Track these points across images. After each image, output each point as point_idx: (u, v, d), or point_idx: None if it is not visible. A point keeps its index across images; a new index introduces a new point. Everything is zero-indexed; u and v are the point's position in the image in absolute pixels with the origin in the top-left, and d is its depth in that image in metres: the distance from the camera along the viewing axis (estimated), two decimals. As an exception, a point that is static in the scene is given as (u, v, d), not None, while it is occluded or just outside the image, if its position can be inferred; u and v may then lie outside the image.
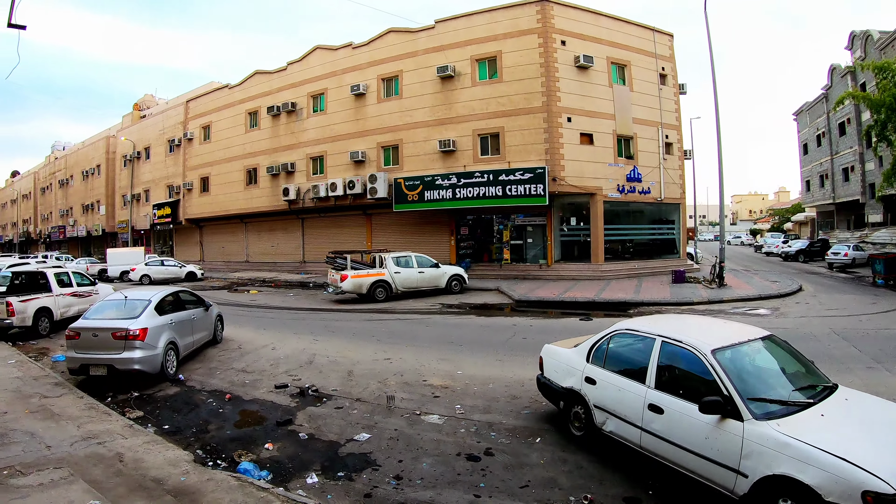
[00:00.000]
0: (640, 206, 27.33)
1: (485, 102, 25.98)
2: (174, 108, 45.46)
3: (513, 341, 13.17)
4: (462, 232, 28.27)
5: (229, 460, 7.10)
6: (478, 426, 7.81)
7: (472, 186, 25.10)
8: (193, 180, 41.80)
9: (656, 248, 28.18)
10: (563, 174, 23.97)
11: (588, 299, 19.03)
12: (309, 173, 33.19)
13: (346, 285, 20.79)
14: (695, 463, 5.25)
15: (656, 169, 27.08)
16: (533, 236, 26.45)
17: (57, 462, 6.71)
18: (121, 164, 52.58)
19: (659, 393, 5.72)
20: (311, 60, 33.28)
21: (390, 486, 6.21)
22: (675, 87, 28.75)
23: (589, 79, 25.31)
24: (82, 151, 61.40)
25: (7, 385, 10.38)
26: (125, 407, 9.43)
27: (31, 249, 74.00)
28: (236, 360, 12.49)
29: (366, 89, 29.92)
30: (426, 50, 27.76)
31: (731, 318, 14.64)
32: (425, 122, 27.76)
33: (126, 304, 11.21)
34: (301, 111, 33.67)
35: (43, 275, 17.22)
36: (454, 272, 22.68)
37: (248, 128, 37.29)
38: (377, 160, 29.58)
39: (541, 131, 24.42)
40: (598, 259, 25.14)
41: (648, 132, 27.03)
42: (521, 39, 25.15)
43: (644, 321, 7.13)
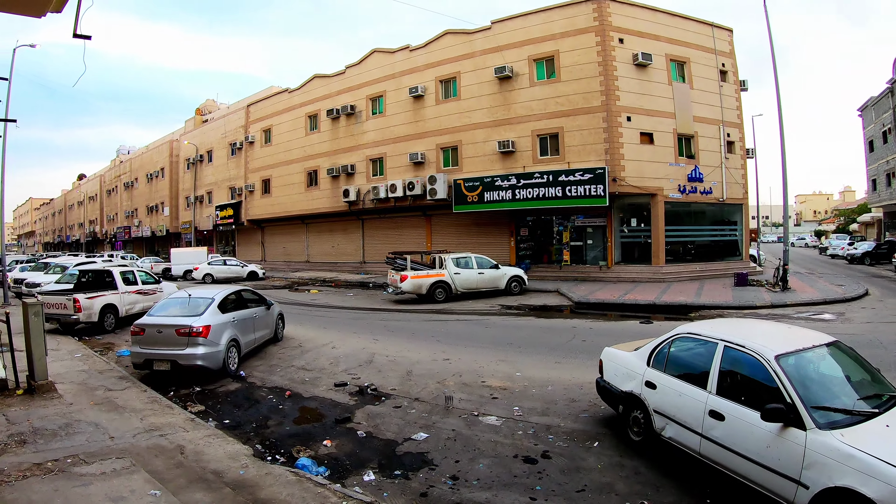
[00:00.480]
0: (702, 207, 27.44)
1: (543, 103, 26.55)
2: (235, 112, 47.94)
3: (572, 343, 13.29)
4: (521, 233, 28.91)
5: (288, 456, 7.35)
6: (535, 428, 7.89)
7: (532, 187, 25.70)
8: (255, 182, 44.02)
9: (718, 249, 28.16)
10: (623, 174, 24.31)
11: (648, 302, 19.12)
12: (368, 175, 34.60)
13: (406, 286, 21.44)
14: (755, 472, 5.22)
15: (718, 168, 27.09)
16: (593, 237, 26.92)
17: (120, 452, 7.05)
18: (184, 166, 55.69)
19: (720, 399, 5.70)
20: (369, 63, 34.71)
21: (446, 486, 6.35)
22: (735, 83, 28.65)
23: (648, 77, 25.60)
24: (146, 155, 65.19)
25: (73, 378, 10.91)
26: (187, 401, 9.84)
27: (98, 249, 78.65)
28: (297, 357, 12.92)
29: (424, 91, 31.07)
30: (483, 51, 28.59)
31: (794, 322, 14.46)
32: (484, 123, 28.60)
33: (190, 301, 11.74)
34: (360, 114, 35.15)
35: (109, 273, 18.05)
36: (514, 273, 23.12)
37: (308, 130, 39.12)
38: (436, 161, 30.66)
39: (600, 131, 24.80)
40: (658, 261, 25.36)
41: (709, 130, 27.09)
42: (578, 38, 25.59)
43: (706, 325, 7.04)
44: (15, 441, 7.32)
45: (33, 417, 8.32)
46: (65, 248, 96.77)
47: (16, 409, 8.70)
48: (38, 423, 8.09)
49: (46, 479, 6.16)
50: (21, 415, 8.45)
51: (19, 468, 6.44)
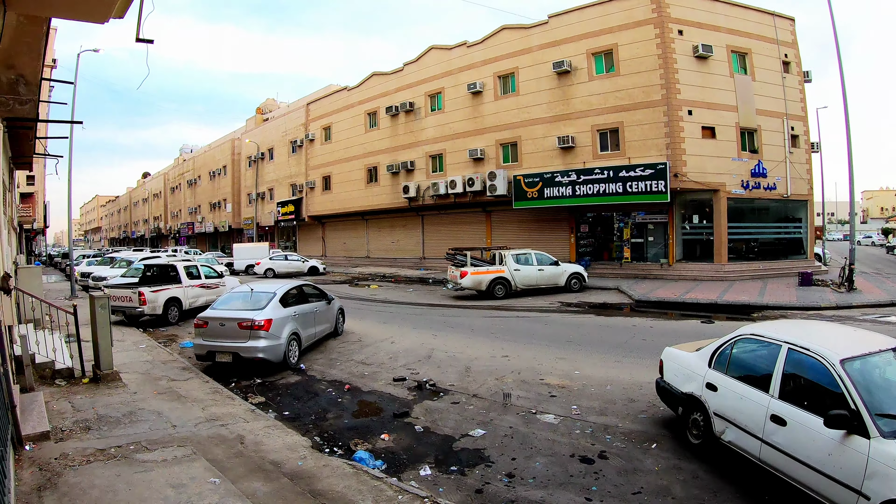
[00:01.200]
0: (765, 203, 27.45)
1: (602, 97, 27.08)
2: (295, 110, 50.38)
3: (632, 342, 13.43)
4: (582, 229, 29.58)
5: (345, 448, 7.63)
6: (593, 428, 7.99)
7: (592, 183, 26.34)
8: (315, 179, 46.27)
9: (782, 247, 28.33)
10: (684, 170, 24.68)
11: (710, 301, 19.10)
12: (428, 171, 36.09)
13: (466, 282, 22.16)
14: (815, 480, 5.19)
15: (782, 163, 26.92)
16: (654, 234, 27.40)
17: (181, 441, 7.38)
18: (245, 164, 58.67)
19: (783, 403, 5.68)
20: (427, 60, 36.15)
21: (502, 483, 6.49)
22: (799, 74, 28.40)
23: (709, 69, 25.73)
24: (209, 153, 68.94)
25: (138, 368, 11.49)
26: (248, 393, 10.30)
27: (162, 244, 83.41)
28: (356, 352, 13.38)
29: (482, 87, 32.20)
30: (541, 46, 29.39)
31: (860, 325, 13.88)
32: (543, 119, 29.43)
33: (252, 296, 12.32)
34: (419, 110, 36.67)
35: (173, 267, 19.11)
36: (573, 270, 23.59)
37: (368, 128, 40.95)
38: (496, 157, 31.72)
39: (661, 125, 25.13)
40: (720, 259, 25.44)
41: (773, 124, 27.15)
42: (636, 31, 25.94)
43: (770, 326, 6.99)
44: (80, 427, 7.79)
45: (98, 405, 8.82)
46: (130, 243, 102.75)
47: (81, 397, 9.24)
48: (102, 410, 8.59)
49: (109, 465, 6.53)
50: (86, 402, 8.96)
51: (83, 453, 6.83)
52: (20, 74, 7.84)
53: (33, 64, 7.60)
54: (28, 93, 8.56)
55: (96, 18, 6.06)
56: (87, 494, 5.75)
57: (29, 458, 6.59)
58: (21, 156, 15.12)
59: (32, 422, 7.40)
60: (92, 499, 5.67)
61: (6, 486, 4.82)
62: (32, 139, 13.36)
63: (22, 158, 15.77)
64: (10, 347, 7.71)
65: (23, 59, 7.35)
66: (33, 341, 10.47)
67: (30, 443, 6.98)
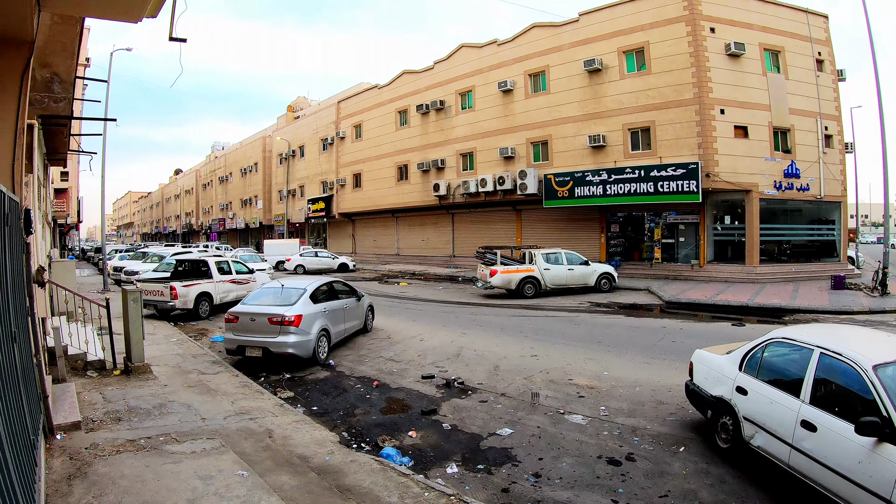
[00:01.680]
0: (798, 205, 27.22)
1: (634, 96, 27.17)
2: (326, 108, 51.26)
3: (661, 344, 13.47)
4: (612, 229, 29.71)
5: (373, 444, 7.75)
6: (621, 430, 8.03)
7: (623, 183, 26.50)
8: (346, 176, 47.06)
9: (814, 250, 28.09)
10: (716, 170, 24.65)
11: (741, 303, 19.15)
12: (458, 169, 36.59)
13: (496, 280, 22.33)
14: (844, 489, 5.12)
15: (815, 164, 26.66)
16: (685, 235, 27.39)
17: (210, 433, 7.54)
18: (276, 161, 59.81)
19: (813, 409, 5.64)
20: (457, 58, 36.63)
21: (528, 482, 6.54)
22: (833, 73, 28.06)
23: (741, 67, 25.60)
24: (240, 150, 70.36)
25: (168, 361, 11.72)
26: (277, 387, 10.47)
27: (193, 240, 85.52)
28: (385, 349, 13.55)
29: (513, 85, 32.54)
30: (571, 44, 29.57)
31: (894, 330, 13.67)
32: (574, 118, 29.63)
33: (282, 291, 12.52)
34: (449, 108, 37.17)
35: (205, 262, 19.44)
36: (604, 270, 23.74)
37: (398, 126, 41.58)
38: (526, 156, 32.06)
39: (693, 125, 25.13)
40: (752, 261, 25.34)
41: (806, 123, 26.92)
42: (667, 28, 25.92)
43: (802, 330, 6.87)
44: (110, 418, 7.98)
45: (129, 397, 9.03)
46: (162, 238, 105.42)
47: (112, 389, 9.46)
48: (133, 402, 8.79)
49: (139, 455, 6.69)
50: (117, 394, 9.17)
51: (113, 444, 7.00)
52: (55, 73, 8.22)
53: (67, 62, 7.97)
54: (62, 91, 8.97)
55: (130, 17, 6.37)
56: (116, 484, 5.91)
57: (60, 448, 6.78)
58: (55, 152, 15.54)
59: (64, 412, 7.61)
60: (121, 489, 5.83)
61: (37, 474, 4.95)
62: (67, 136, 13.79)
63: (56, 155, 16.21)
64: (43, 339, 7.91)
65: (57, 58, 7.74)
66: (66, 333, 10.79)
67: (61, 432, 7.17)
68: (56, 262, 17.46)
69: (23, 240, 6.05)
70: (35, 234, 7.54)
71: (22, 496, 3.54)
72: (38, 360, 6.46)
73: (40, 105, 9.37)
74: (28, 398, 5.07)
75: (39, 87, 8.67)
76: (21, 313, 5.42)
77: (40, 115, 10.07)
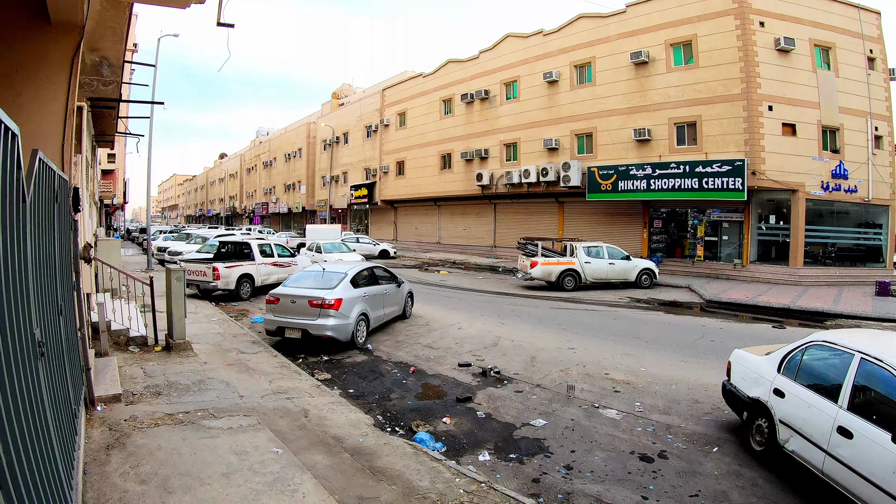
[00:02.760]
0: (845, 207, 26.80)
1: (680, 90, 27.11)
2: (371, 96, 52.18)
3: (700, 343, 13.55)
4: (655, 225, 29.81)
5: (407, 429, 7.95)
6: (655, 427, 8.12)
7: (667, 178, 26.57)
8: (389, 164, 47.98)
9: (860, 254, 27.60)
10: (762, 168, 24.49)
11: (783, 305, 19.14)
12: (502, 159, 37.10)
13: (536, 272, 22.65)
14: (878, 499, 5.05)
15: (864, 165, 26.26)
16: (728, 233, 27.22)
17: (247, 411, 7.79)
18: (320, 147, 61.09)
19: (851, 415, 5.58)
20: (503, 48, 37.04)
21: (559, 474, 6.67)
22: (884, 72, 27.50)
23: (790, 63, 25.35)
24: (285, 136, 71.97)
25: (209, 339, 12.11)
26: (314, 369, 10.75)
27: (236, 223, 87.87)
28: (423, 335, 13.85)
29: (558, 76, 32.84)
30: (618, 35, 29.67)
31: None
32: (619, 110, 29.78)
33: (323, 275, 12.87)
34: (494, 98, 37.66)
35: (247, 245, 19.93)
36: (645, 266, 23.99)
37: (443, 114, 42.27)
38: (570, 148, 32.35)
39: (740, 121, 25.03)
40: (796, 262, 25.11)
41: (856, 123, 26.53)
42: (716, 21, 25.75)
43: (843, 334, 6.82)
44: (150, 392, 8.32)
45: (169, 372, 9.38)
46: (205, 221, 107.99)
47: (153, 364, 9.83)
48: (172, 377, 9.13)
49: (176, 429, 6.98)
50: (158, 369, 9.53)
51: (152, 416, 7.33)
52: (104, 57, 8.59)
53: (116, 47, 8.34)
54: (111, 74, 9.37)
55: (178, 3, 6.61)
56: (152, 456, 6.17)
57: (100, 419, 7.11)
58: (103, 134, 16.14)
59: (105, 384, 7.97)
60: (157, 460, 6.08)
61: (77, 442, 5.13)
62: (115, 118, 14.31)
63: (104, 137, 16.86)
64: (87, 313, 8.19)
65: (106, 43, 8.10)
66: (110, 309, 11.39)
67: (101, 404, 7.52)
68: (102, 241, 17.93)
69: (71, 217, 6.38)
70: (82, 212, 7.79)
71: (62, 462, 3.69)
72: (82, 333, 6.82)
73: (89, 88, 9.76)
74: (71, 369, 5.34)
75: (89, 71, 8.99)
76: (67, 288, 5.74)
77: (89, 98, 10.44)
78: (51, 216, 4.45)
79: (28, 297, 3.06)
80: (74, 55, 6.43)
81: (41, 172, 3.83)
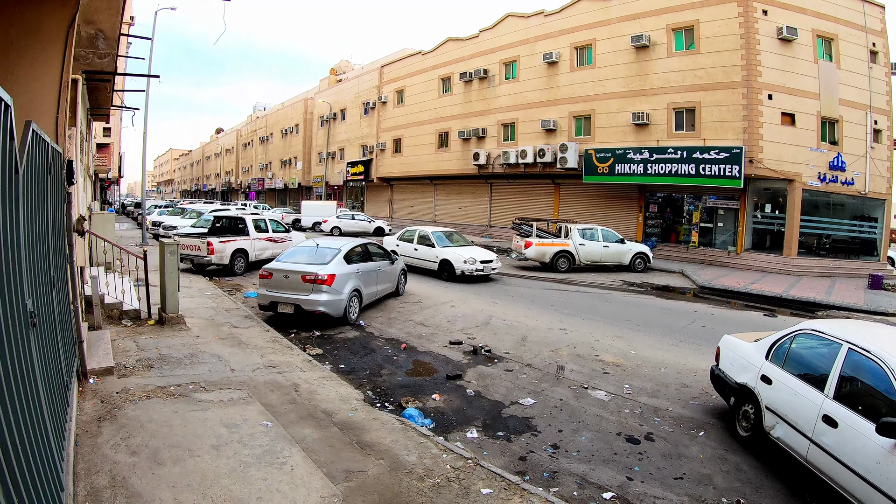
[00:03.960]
0: (841, 199, 26.75)
1: (681, 75, 27.03)
2: (369, 72, 51.88)
3: (691, 328, 13.58)
4: (651, 209, 29.83)
5: (396, 405, 8.05)
6: (643, 409, 8.18)
7: (665, 163, 26.56)
8: (386, 141, 47.86)
9: (854, 247, 27.58)
10: (760, 156, 24.44)
11: (775, 294, 19.18)
12: (499, 139, 37.04)
13: (530, 253, 22.58)
14: (860, 489, 5.12)
15: (862, 158, 26.39)
16: (724, 220, 27.31)
17: (238, 384, 7.85)
18: (317, 124, 60.79)
19: (836, 404, 5.63)
20: (503, 28, 36.85)
21: (546, 453, 6.75)
22: (886, 66, 27.39)
23: (792, 53, 25.20)
24: (282, 112, 71.60)
25: (202, 313, 12.14)
26: (306, 344, 10.78)
27: (232, 198, 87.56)
28: (416, 313, 13.89)
29: (558, 57, 32.71)
30: (620, 18, 29.49)
31: None
32: (618, 93, 29.68)
33: (317, 251, 12.92)
34: (493, 78, 37.54)
35: (242, 220, 19.90)
36: (639, 250, 23.96)
37: (441, 93, 42.13)
38: (568, 130, 32.30)
39: (739, 108, 24.95)
40: (790, 252, 25.14)
41: (855, 116, 26.40)
42: (719, 8, 25.57)
43: (833, 324, 6.82)
44: (142, 365, 8.33)
45: (161, 346, 9.39)
46: (201, 196, 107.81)
47: (146, 337, 9.85)
48: (165, 350, 9.14)
49: (168, 402, 7.04)
50: (150, 342, 9.54)
51: (144, 389, 7.37)
52: (99, 29, 8.38)
53: (112, 19, 8.15)
54: (107, 47, 9.11)
55: None
56: (143, 427, 6.24)
57: (92, 391, 7.14)
58: (98, 107, 15.68)
59: (98, 357, 7.97)
60: (148, 432, 6.14)
61: (68, 414, 5.14)
62: (110, 92, 13.88)
63: (99, 110, 16.38)
64: (80, 287, 8.13)
65: (102, 15, 7.92)
66: (103, 283, 11.18)
67: (94, 376, 7.54)
68: (96, 215, 17.62)
69: (64, 189, 6.38)
70: (77, 185, 7.76)
71: (53, 433, 3.69)
72: (74, 306, 6.84)
73: (84, 60, 9.57)
74: (63, 341, 5.35)
75: (84, 44, 8.84)
76: (60, 260, 5.74)
77: (84, 71, 10.24)
78: (44, 188, 4.44)
79: (20, 268, 3.07)
80: (69, 27, 6.32)
81: (34, 144, 3.82)
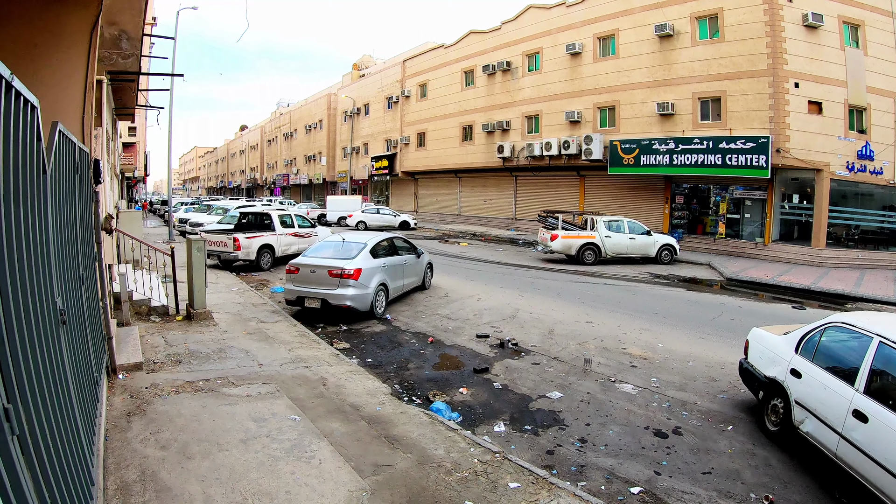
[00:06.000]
0: (870, 189, 25.93)
1: (705, 64, 26.76)
2: (392, 67, 52.04)
3: (719, 321, 13.44)
4: (677, 201, 29.64)
5: (424, 398, 8.06)
6: (671, 403, 8.12)
7: (690, 153, 26.32)
8: (410, 135, 48.08)
9: (884, 238, 26.63)
10: (787, 146, 24.01)
11: (803, 286, 18.87)
12: (524, 132, 37.03)
13: (556, 245, 22.60)
14: (890, 485, 5.00)
15: (891, 147, 25.46)
16: (751, 211, 26.87)
17: (266, 379, 7.93)
18: (341, 119, 61.09)
19: (867, 399, 5.49)
20: (525, 19, 36.75)
21: (573, 447, 6.73)
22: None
23: (818, 40, 24.60)
24: (305, 108, 72.08)
25: (229, 309, 12.30)
26: (333, 338, 10.84)
27: (257, 194, 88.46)
28: (442, 306, 13.93)
29: (581, 49, 32.55)
30: (643, 7, 29.21)
31: None
32: (642, 84, 29.50)
33: (343, 245, 12.93)
34: (516, 70, 37.51)
35: (268, 216, 20.12)
36: (665, 242, 23.78)
37: (464, 86, 42.14)
38: (592, 121, 32.19)
39: (765, 97, 24.64)
40: (818, 243, 24.66)
41: (883, 104, 25.53)
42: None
43: (863, 317, 6.60)
44: (171, 360, 8.46)
45: (189, 341, 9.51)
46: (226, 192, 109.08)
47: (174, 333, 10.00)
48: (193, 346, 9.27)
49: (196, 396, 7.12)
50: (179, 338, 9.68)
51: (173, 384, 7.49)
52: (122, 30, 8.53)
53: (135, 20, 8.30)
54: (130, 48, 9.28)
55: None
56: (172, 422, 6.33)
57: (121, 386, 7.28)
58: (124, 107, 15.86)
59: (127, 353, 8.10)
60: (177, 426, 6.22)
61: (98, 409, 5.25)
62: (135, 91, 14.11)
63: (124, 110, 16.59)
64: (109, 284, 8.26)
65: (124, 17, 8.05)
66: (131, 280, 11.60)
67: (123, 372, 7.68)
68: (124, 213, 18.19)
69: (92, 188, 6.47)
70: (104, 184, 7.88)
71: (83, 428, 3.76)
72: (103, 303, 6.91)
73: (109, 61, 9.71)
74: (93, 338, 5.48)
75: (108, 45, 8.96)
76: (89, 258, 5.85)
77: (109, 71, 10.40)
78: (71, 187, 4.52)
79: (49, 267, 3.16)
80: (93, 29, 6.39)
81: (61, 144, 3.89)
